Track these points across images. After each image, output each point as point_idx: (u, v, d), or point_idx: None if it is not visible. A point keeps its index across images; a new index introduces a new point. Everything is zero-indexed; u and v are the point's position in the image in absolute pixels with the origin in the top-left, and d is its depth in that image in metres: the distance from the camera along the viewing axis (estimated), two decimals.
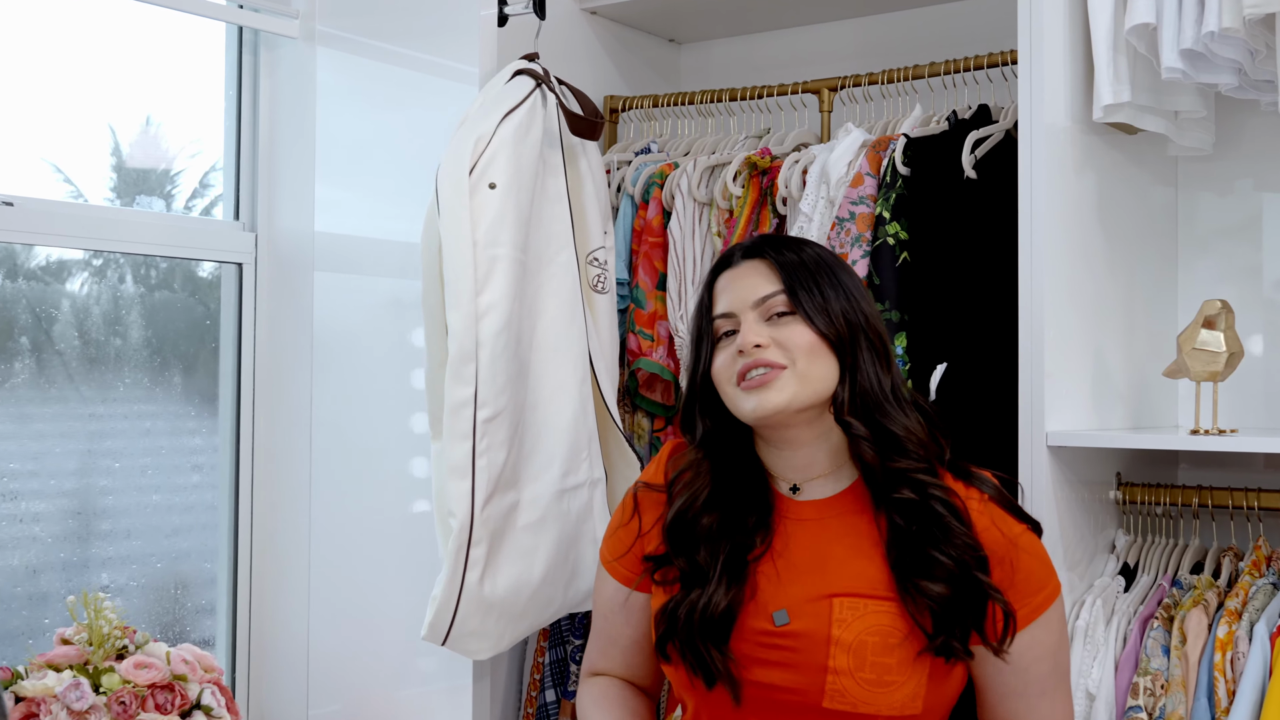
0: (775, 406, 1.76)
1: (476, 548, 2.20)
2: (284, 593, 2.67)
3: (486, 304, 2.19)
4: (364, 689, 2.56)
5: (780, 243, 1.88)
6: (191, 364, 2.71)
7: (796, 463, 1.84)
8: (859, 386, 1.78)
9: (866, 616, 1.74)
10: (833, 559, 1.79)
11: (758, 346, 1.76)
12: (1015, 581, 1.76)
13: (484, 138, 2.22)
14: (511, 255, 2.22)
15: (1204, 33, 2.10)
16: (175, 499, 2.69)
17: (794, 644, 1.76)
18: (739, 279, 1.84)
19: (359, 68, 2.61)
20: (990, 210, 2.33)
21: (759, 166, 2.59)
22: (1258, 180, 2.57)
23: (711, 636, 1.77)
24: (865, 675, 1.72)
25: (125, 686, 1.91)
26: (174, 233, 2.62)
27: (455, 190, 2.19)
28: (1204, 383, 2.19)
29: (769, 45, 3.12)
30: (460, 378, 2.18)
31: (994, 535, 1.77)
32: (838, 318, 1.79)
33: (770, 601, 1.79)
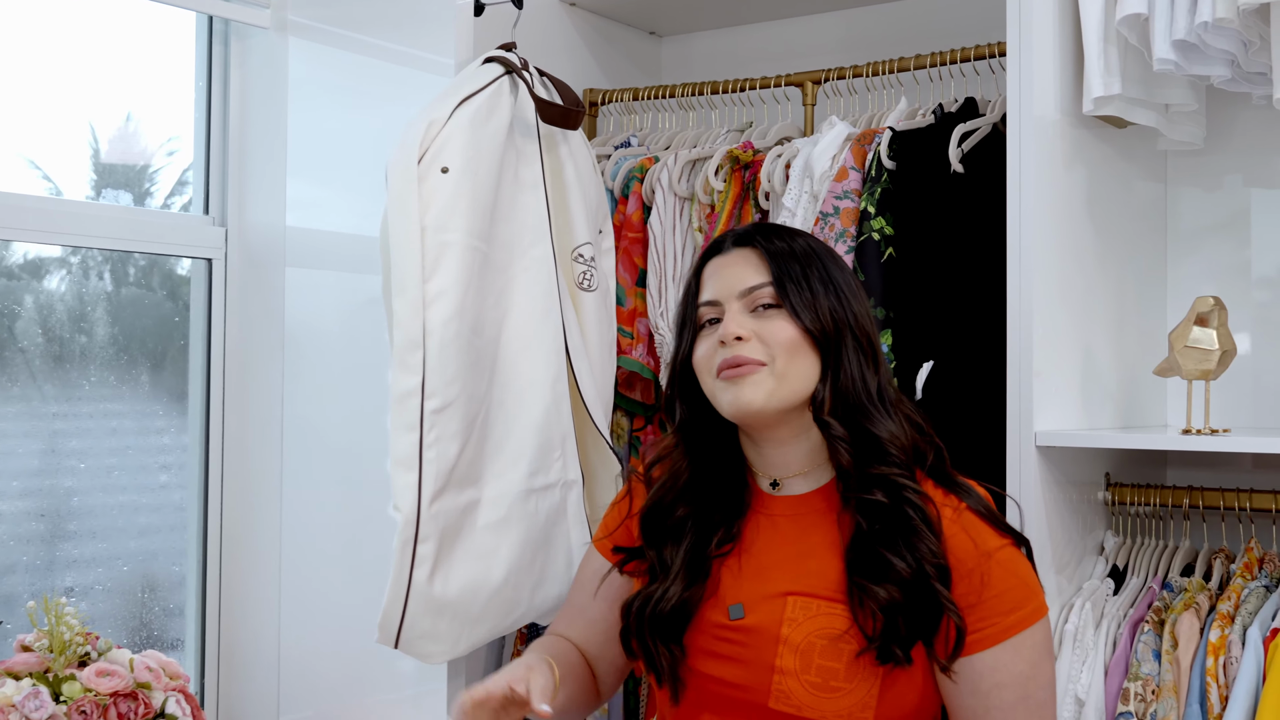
0: (751, 404, 1.72)
1: (424, 544, 2.11)
2: (254, 595, 2.61)
3: (435, 290, 2.11)
4: (336, 694, 2.51)
5: (773, 231, 1.83)
6: (160, 361, 2.65)
7: (776, 459, 1.81)
8: (841, 387, 1.73)
9: (818, 618, 1.70)
10: (795, 557, 1.76)
11: (739, 339, 1.73)
12: (984, 597, 1.68)
13: (438, 122, 2.14)
14: (465, 242, 2.13)
15: (1197, 23, 2.06)
16: (143, 499, 2.62)
17: (745, 639, 1.73)
18: (727, 266, 1.80)
19: (332, 58, 2.55)
20: (978, 205, 2.28)
21: (741, 160, 2.54)
22: (1248, 175, 2.53)
23: (662, 632, 1.76)
24: (810, 678, 1.68)
25: (86, 695, 1.85)
26: (142, 227, 2.55)
27: (404, 175, 2.11)
28: (1196, 381, 2.14)
29: (751, 38, 3.07)
30: (406, 366, 2.10)
31: (965, 546, 1.70)
32: (824, 314, 1.74)
33: (729, 595, 1.76)
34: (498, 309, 2.22)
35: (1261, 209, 2.52)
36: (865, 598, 1.67)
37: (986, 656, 1.68)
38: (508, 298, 2.24)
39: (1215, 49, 2.12)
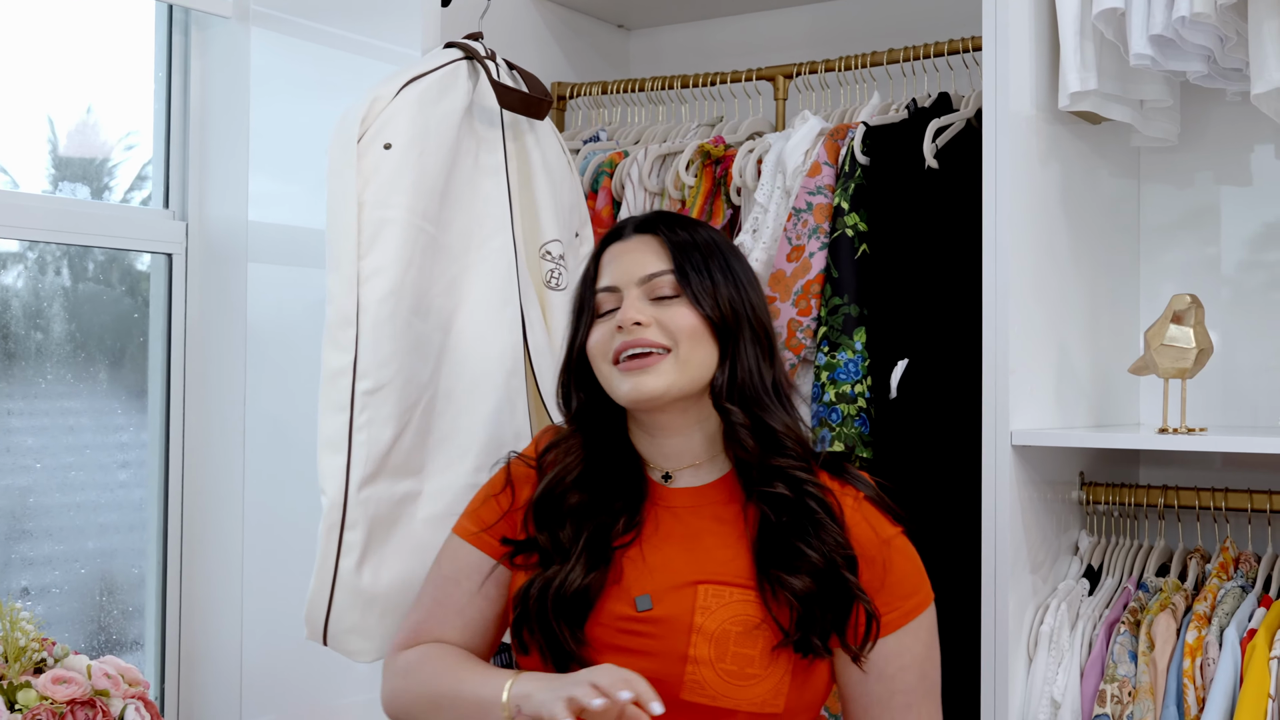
0: (652, 391, 1.71)
1: (351, 531, 2.01)
2: (216, 596, 2.55)
3: (372, 267, 2.02)
4: (300, 696, 2.45)
5: (675, 221, 1.82)
6: (119, 358, 2.59)
7: (668, 450, 1.79)
8: (739, 375, 1.74)
9: (731, 605, 1.68)
10: (700, 547, 1.74)
11: (638, 324, 1.72)
12: (886, 583, 1.72)
13: (383, 99, 2.07)
14: (408, 220, 2.05)
15: (1175, 18, 2.04)
16: (101, 498, 2.56)
17: (655, 630, 1.69)
18: (627, 253, 1.79)
19: (295, 49, 2.49)
20: (952, 201, 2.26)
21: (712, 155, 2.51)
22: (1219, 172, 2.52)
23: (566, 615, 1.70)
24: (726, 666, 1.66)
25: (42, 703, 1.79)
26: (100, 221, 2.48)
27: (343, 150, 2.04)
28: (1172, 380, 2.12)
29: (720, 31, 3.04)
30: (337, 344, 2.01)
31: (867, 535, 1.72)
32: (724, 303, 1.74)
33: (634, 586, 1.72)
34: (449, 296, 2.14)
35: (1232, 206, 2.50)
36: (779, 588, 1.67)
37: (891, 641, 1.71)
38: (462, 286, 2.16)
39: (1192, 44, 2.10)
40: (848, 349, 2.25)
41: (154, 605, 2.60)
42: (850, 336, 2.25)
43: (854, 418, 2.23)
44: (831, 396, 2.24)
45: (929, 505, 2.20)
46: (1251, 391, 2.42)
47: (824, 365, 2.26)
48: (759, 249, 2.38)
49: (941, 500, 2.19)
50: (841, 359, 2.25)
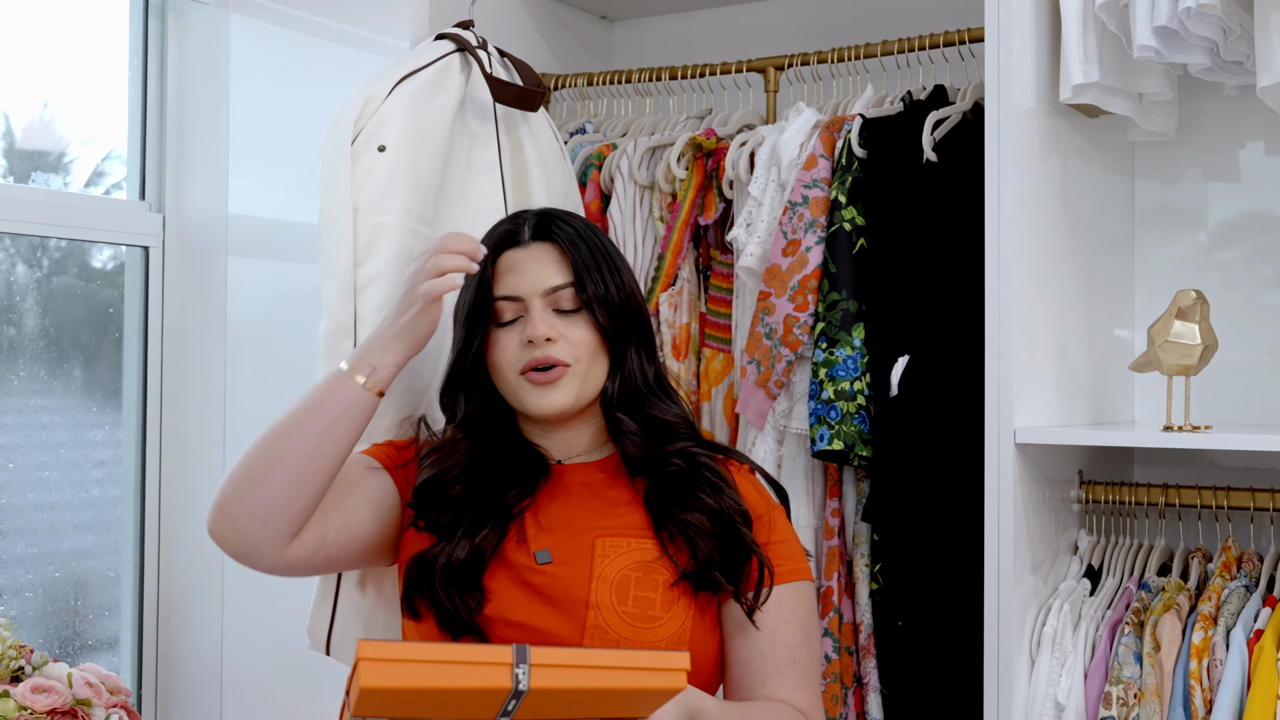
0: (561, 406, 1.78)
1: None
2: (195, 598, 2.49)
3: (369, 275, 1.99)
4: (282, 702, 2.39)
5: (566, 223, 1.84)
6: (93, 355, 2.51)
7: (560, 443, 1.85)
8: (627, 380, 1.81)
9: (630, 552, 1.74)
10: (596, 508, 1.79)
11: (549, 340, 1.76)
12: (773, 540, 1.80)
13: (376, 98, 2.03)
14: (403, 224, 2.01)
15: (1181, 9, 2.01)
16: (76, 497, 2.49)
17: (554, 580, 1.72)
18: (529, 262, 1.81)
19: (277, 37, 2.43)
20: (951, 194, 2.22)
21: (704, 148, 2.46)
22: (1213, 168, 2.49)
23: (457, 582, 1.71)
24: (628, 609, 1.69)
25: (22, 713, 1.72)
26: (74, 213, 2.41)
27: (336, 153, 1.99)
28: (1176, 376, 2.09)
29: (705, 23, 2.99)
30: (334, 354, 1.96)
31: (755, 496, 1.83)
32: (615, 312, 1.80)
33: (533, 543, 1.76)
34: (445, 298, 2.10)
35: (1223, 203, 2.48)
36: (676, 531, 1.73)
37: (775, 592, 1.76)
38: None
39: (1196, 36, 2.07)
40: (846, 345, 2.21)
41: (130, 607, 2.54)
42: (849, 332, 2.21)
43: (853, 415, 2.19)
44: (830, 394, 2.19)
45: (931, 505, 2.17)
46: (1238, 389, 2.40)
47: (822, 362, 2.21)
48: (753, 243, 2.33)
49: (943, 500, 2.16)
50: (840, 355, 2.20)
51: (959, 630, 2.15)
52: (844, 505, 2.30)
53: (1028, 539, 2.11)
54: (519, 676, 1.39)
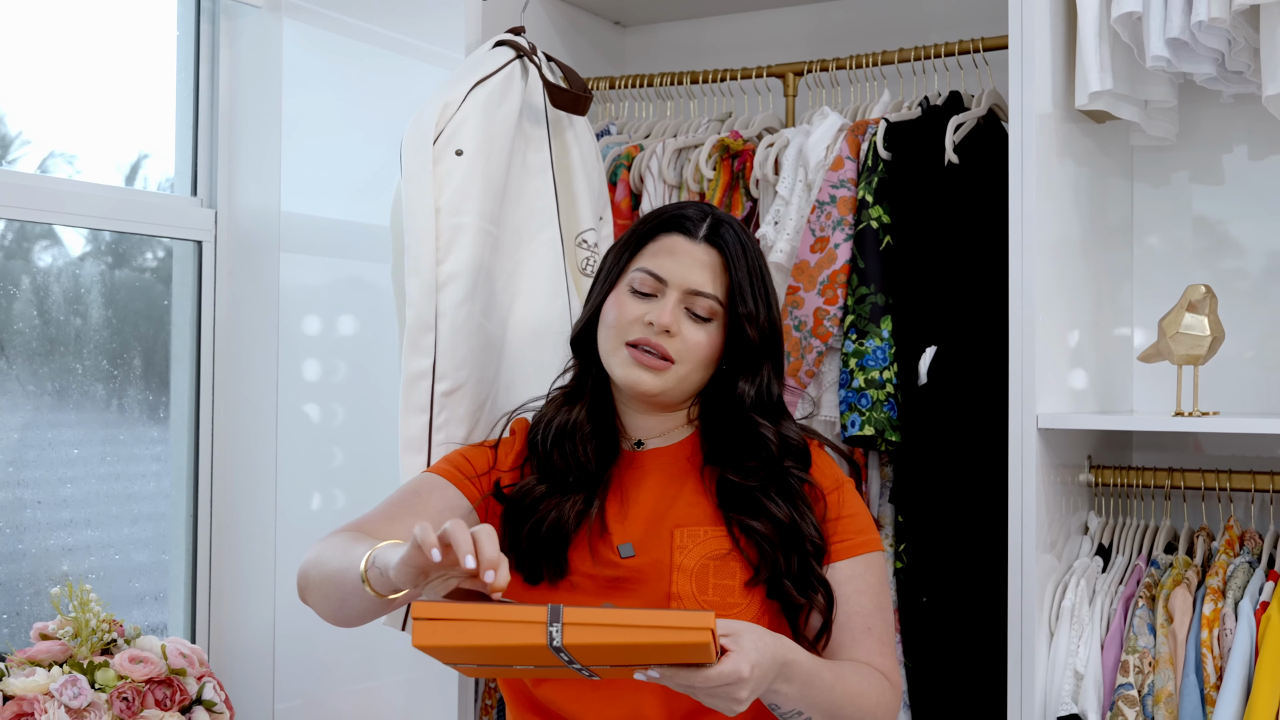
0: (648, 390, 1.85)
1: None
2: (247, 582, 2.57)
3: (448, 273, 2.11)
4: (331, 680, 2.48)
5: (736, 237, 1.89)
6: (148, 348, 2.58)
7: (646, 424, 1.93)
8: (763, 393, 1.88)
9: (706, 542, 1.82)
10: (670, 498, 1.87)
11: (667, 332, 1.82)
12: (843, 514, 1.89)
13: (452, 104, 2.15)
14: (478, 225, 2.14)
15: (1193, 22, 2.15)
16: (128, 489, 2.56)
17: (638, 574, 1.81)
18: (688, 255, 1.87)
19: (330, 43, 2.51)
20: (971, 194, 2.35)
21: (731, 149, 2.58)
22: (1209, 172, 2.63)
23: (542, 548, 1.81)
24: (709, 598, 1.79)
25: (122, 682, 1.80)
26: (129, 207, 2.48)
27: (419, 155, 2.12)
28: (1185, 366, 2.23)
29: (715, 29, 3.10)
30: (418, 348, 2.11)
31: (827, 471, 1.92)
32: (757, 331, 1.86)
33: (616, 536, 1.85)
34: (506, 293, 2.22)
35: (1220, 205, 2.62)
36: (742, 532, 1.82)
37: (845, 566, 1.86)
38: (516, 282, 2.24)
39: (1204, 47, 2.21)
40: (875, 336, 2.33)
41: (183, 594, 2.61)
42: (877, 324, 2.33)
43: (883, 403, 2.31)
44: (860, 382, 2.32)
45: (955, 487, 2.30)
46: (1227, 380, 2.53)
47: (852, 352, 2.34)
48: (782, 240, 2.45)
49: (967, 482, 2.28)
50: (870, 346, 2.33)
51: (980, 605, 2.29)
52: (869, 489, 2.43)
53: (1047, 519, 2.24)
54: (553, 634, 1.46)
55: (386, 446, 2.23)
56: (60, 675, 1.77)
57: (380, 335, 2.39)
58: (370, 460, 2.41)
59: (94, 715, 1.74)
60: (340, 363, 2.49)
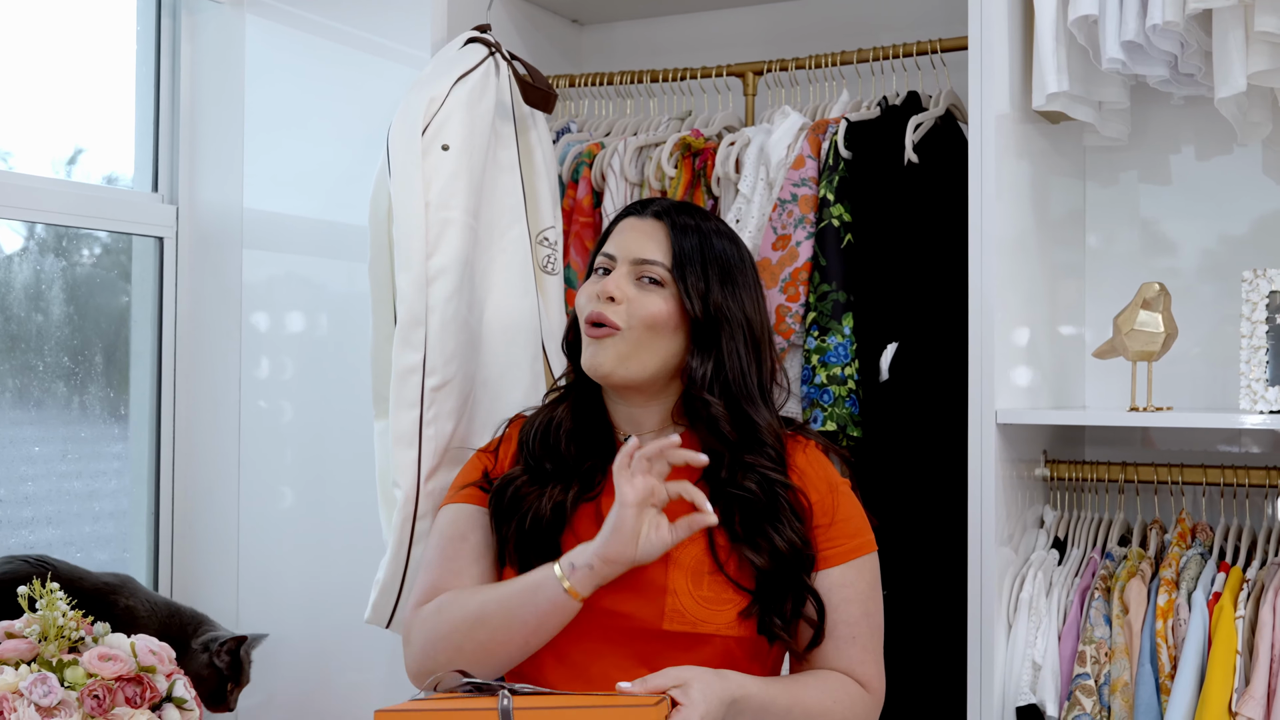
0: (600, 365, 1.85)
1: (422, 521, 2.13)
2: (210, 581, 2.57)
3: (437, 268, 2.13)
4: (295, 677, 2.48)
5: (693, 223, 1.91)
6: (109, 345, 2.56)
7: (628, 415, 1.94)
8: (727, 372, 1.86)
9: (701, 540, 1.83)
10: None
11: (611, 299, 1.85)
12: (835, 519, 1.88)
13: (437, 99, 2.16)
14: (464, 220, 2.16)
15: (1148, 25, 2.19)
16: (88, 487, 2.55)
17: (634, 569, 1.79)
18: (636, 230, 1.91)
19: (293, 39, 2.50)
20: (930, 193, 2.39)
21: (693, 147, 2.60)
22: (1159, 172, 2.68)
23: (533, 540, 1.83)
24: (703, 594, 1.81)
25: (91, 680, 1.80)
26: (89, 202, 2.46)
27: (408, 150, 2.12)
28: (1139, 362, 2.28)
29: (672, 28, 3.12)
30: (409, 343, 2.11)
31: (818, 476, 1.90)
32: (711, 305, 1.86)
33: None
34: (483, 288, 2.24)
35: (1167, 205, 2.67)
36: (742, 559, 1.82)
37: (835, 573, 1.86)
38: (490, 277, 2.25)
39: (1159, 50, 2.26)
40: (837, 333, 2.36)
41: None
42: (839, 321, 2.37)
43: (844, 399, 2.34)
44: (823, 379, 2.35)
45: (915, 481, 2.33)
46: (1177, 377, 2.58)
47: (814, 349, 2.37)
48: (744, 238, 2.47)
49: (927, 476, 2.32)
50: (831, 343, 2.36)
51: (940, 597, 2.32)
52: None
53: (1006, 513, 2.28)
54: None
55: (350, 444, 2.23)
56: (29, 674, 1.76)
57: (344, 333, 2.39)
58: (335, 458, 2.41)
59: (64, 713, 1.74)
60: (304, 360, 2.49)
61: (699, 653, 1.79)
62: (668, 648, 1.80)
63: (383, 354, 2.21)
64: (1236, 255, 2.58)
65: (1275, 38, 2.13)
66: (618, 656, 1.81)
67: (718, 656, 1.80)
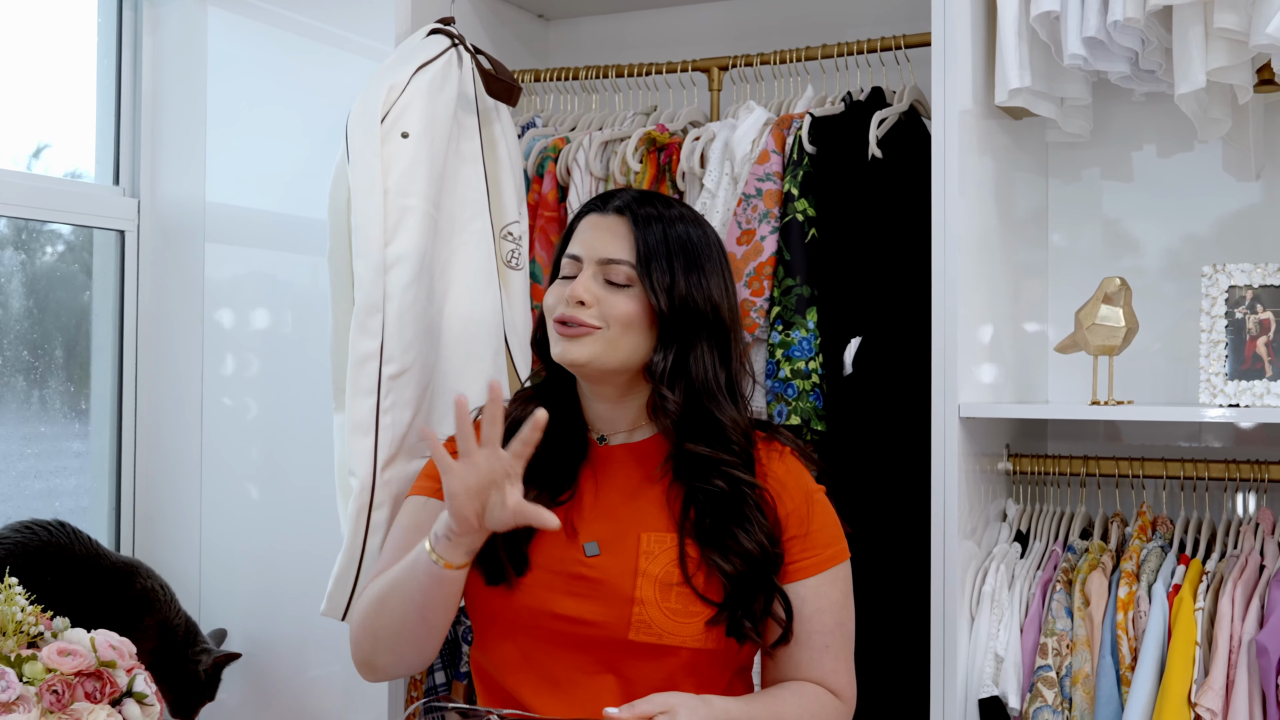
0: (576, 359, 1.83)
1: (379, 511, 2.12)
2: (172, 579, 2.53)
3: (396, 254, 2.11)
4: (257, 673, 2.47)
5: (654, 211, 1.89)
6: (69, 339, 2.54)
7: (601, 413, 1.92)
8: (691, 368, 1.84)
9: (671, 549, 1.81)
10: (639, 499, 1.87)
11: (581, 304, 1.83)
12: (810, 530, 1.86)
13: (397, 86, 2.15)
14: (423, 209, 2.15)
15: (1110, 21, 2.21)
16: (48, 485, 2.53)
17: (602, 575, 1.80)
18: (600, 229, 1.89)
19: (256, 32, 2.49)
20: (893, 188, 2.40)
21: (658, 142, 2.60)
22: (1120, 169, 2.70)
23: (502, 540, 1.80)
24: (671, 605, 1.78)
25: (50, 675, 1.78)
26: (48, 195, 2.44)
27: (366, 137, 2.11)
28: (1100, 356, 2.30)
29: (639, 24, 3.12)
30: (366, 330, 2.10)
31: (793, 484, 1.88)
32: (677, 299, 1.84)
33: (581, 534, 1.85)
34: (443, 280, 2.23)
35: (1128, 202, 2.69)
36: (710, 564, 1.80)
37: (810, 583, 1.85)
38: (451, 270, 2.24)
39: (1119, 46, 2.27)
40: (801, 328, 2.37)
41: None
42: (803, 316, 2.37)
43: (809, 393, 2.35)
44: (787, 373, 2.35)
45: (878, 474, 2.34)
46: (1137, 372, 2.60)
47: (778, 343, 2.37)
48: None
49: (891, 469, 2.33)
50: (795, 337, 2.36)
51: (903, 590, 2.33)
52: None
53: (969, 507, 2.29)
54: None
55: (316, 441, 2.22)
56: None
57: (307, 327, 2.38)
58: (297, 455, 2.39)
59: (23, 708, 1.72)
60: (267, 357, 2.48)
61: (664, 663, 1.79)
62: (633, 657, 1.79)
63: (341, 345, 2.19)
64: (1197, 252, 2.60)
65: (1234, 34, 2.15)
66: (584, 663, 1.81)
67: (683, 667, 1.80)
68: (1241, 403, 2.20)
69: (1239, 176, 2.58)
